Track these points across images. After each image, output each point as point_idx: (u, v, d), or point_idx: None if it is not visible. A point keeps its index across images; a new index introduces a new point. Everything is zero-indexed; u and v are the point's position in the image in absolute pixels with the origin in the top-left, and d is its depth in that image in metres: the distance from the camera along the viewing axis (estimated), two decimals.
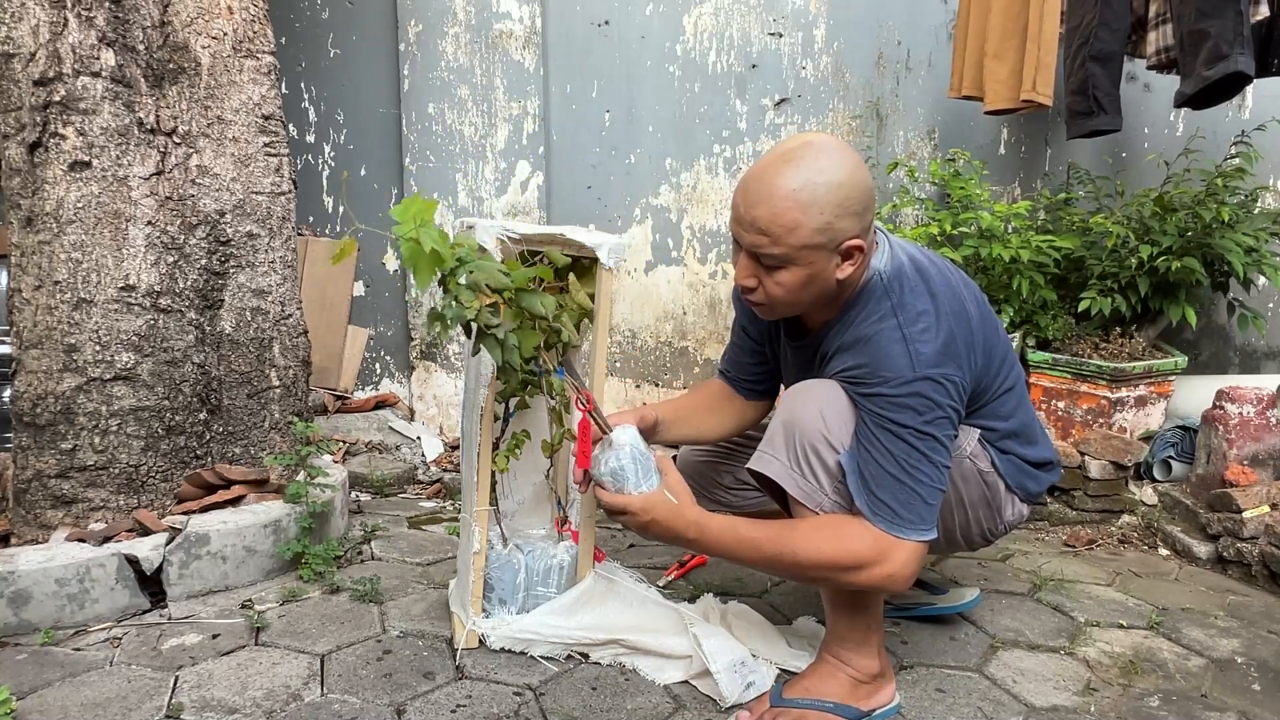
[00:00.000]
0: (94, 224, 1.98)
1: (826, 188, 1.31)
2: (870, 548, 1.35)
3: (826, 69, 3.46)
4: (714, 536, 1.45)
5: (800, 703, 1.47)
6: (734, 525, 1.46)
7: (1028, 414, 1.63)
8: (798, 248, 1.33)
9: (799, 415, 1.43)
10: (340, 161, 3.43)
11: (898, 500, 1.35)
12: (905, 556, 1.36)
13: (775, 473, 1.44)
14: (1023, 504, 1.64)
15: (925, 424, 1.35)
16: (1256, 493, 2.27)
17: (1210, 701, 1.61)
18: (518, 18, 3.31)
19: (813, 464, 1.42)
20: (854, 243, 1.35)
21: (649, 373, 3.54)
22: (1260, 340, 3.54)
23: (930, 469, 1.36)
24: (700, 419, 1.81)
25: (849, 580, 1.37)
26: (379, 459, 2.98)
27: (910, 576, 1.37)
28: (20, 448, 2.00)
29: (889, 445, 1.35)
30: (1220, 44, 2.36)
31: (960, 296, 1.46)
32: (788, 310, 1.47)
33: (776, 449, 1.45)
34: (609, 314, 1.82)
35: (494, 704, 1.53)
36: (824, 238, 1.33)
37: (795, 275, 1.36)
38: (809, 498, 1.43)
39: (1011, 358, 1.59)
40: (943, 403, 1.36)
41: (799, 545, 1.38)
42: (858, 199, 1.33)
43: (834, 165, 1.32)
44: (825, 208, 1.31)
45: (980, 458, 1.56)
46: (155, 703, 1.52)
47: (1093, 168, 3.35)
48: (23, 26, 1.91)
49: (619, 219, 3.49)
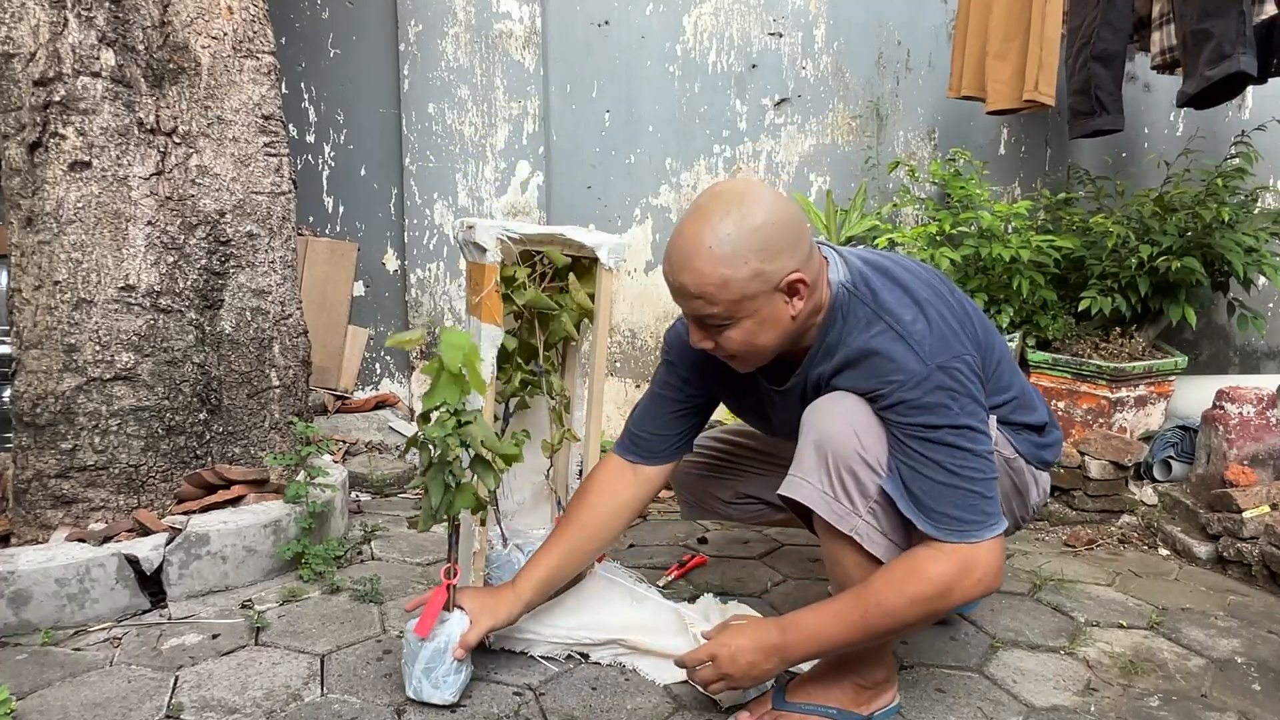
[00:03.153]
0: (94, 224, 1.98)
1: (745, 235, 1.27)
2: (954, 566, 1.28)
3: (826, 69, 3.46)
4: (805, 624, 1.38)
5: (802, 707, 1.46)
6: (812, 610, 1.39)
7: (1020, 379, 1.59)
8: (734, 302, 1.29)
9: (830, 434, 1.34)
10: (340, 161, 3.43)
11: (958, 507, 1.28)
12: (988, 557, 1.30)
13: (807, 497, 1.36)
14: (1044, 475, 1.64)
15: (956, 418, 1.29)
16: (1256, 493, 2.27)
17: (1210, 701, 1.61)
18: (518, 18, 3.31)
19: (847, 484, 1.34)
20: (794, 278, 1.30)
21: (649, 373, 3.54)
22: (1260, 340, 3.54)
23: (978, 462, 1.30)
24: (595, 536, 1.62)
25: (947, 606, 1.31)
26: (379, 459, 2.98)
27: (1001, 570, 1.32)
28: (20, 448, 2.00)
29: (930, 454, 1.29)
30: (1223, 44, 2.36)
31: (927, 281, 1.44)
32: (762, 358, 1.40)
33: (808, 471, 1.37)
34: (609, 314, 1.82)
35: (494, 704, 1.53)
36: (759, 284, 1.28)
37: (744, 328, 1.33)
38: (842, 520, 1.35)
39: (989, 328, 1.54)
40: (966, 387, 1.31)
41: (883, 596, 1.30)
42: (781, 235, 1.29)
43: (748, 210, 1.28)
44: (749, 255, 1.27)
45: (1004, 445, 1.53)
46: (155, 703, 1.52)
47: (1093, 168, 3.35)
48: (23, 26, 1.91)
49: (619, 219, 3.49)
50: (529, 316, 1.78)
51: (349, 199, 3.45)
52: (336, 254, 3.39)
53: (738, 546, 2.39)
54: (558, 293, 1.78)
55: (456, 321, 3.43)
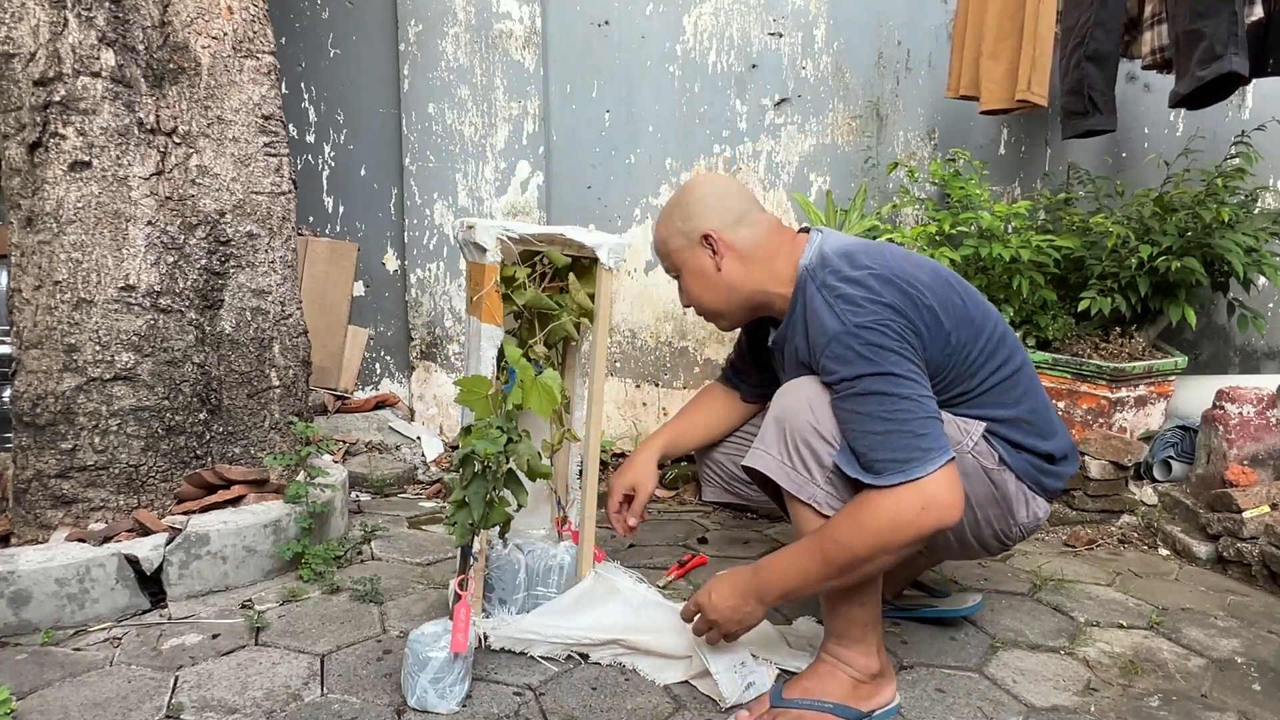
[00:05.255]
0: (94, 224, 1.98)
1: (672, 206, 1.66)
2: (903, 500, 1.34)
3: (826, 69, 3.46)
4: (774, 564, 1.48)
5: (799, 703, 1.46)
6: (781, 551, 1.49)
7: (1037, 403, 1.59)
8: (670, 254, 1.66)
9: (788, 409, 1.48)
10: (340, 161, 3.43)
11: (893, 449, 1.34)
12: (935, 489, 1.33)
13: (767, 466, 1.48)
14: (1041, 501, 1.61)
15: (878, 367, 1.36)
16: (1256, 493, 2.27)
17: (1210, 701, 1.61)
18: (518, 18, 3.31)
19: (804, 455, 1.45)
20: (705, 231, 1.60)
21: (649, 373, 3.54)
22: (1260, 340, 3.54)
23: (905, 404, 1.36)
24: (703, 426, 1.92)
25: (903, 539, 1.34)
26: (379, 459, 2.98)
27: (952, 504, 1.35)
28: (20, 448, 2.00)
29: (858, 408, 1.38)
30: (1215, 44, 2.36)
31: (902, 267, 1.48)
32: (720, 314, 1.67)
33: (769, 444, 1.49)
34: (609, 314, 1.82)
35: (494, 704, 1.53)
36: (682, 239, 1.63)
37: (687, 281, 1.65)
38: (801, 489, 1.45)
39: (1008, 341, 1.57)
40: (887, 343, 1.38)
41: (840, 533, 1.38)
42: (696, 202, 1.62)
43: (685, 189, 1.66)
44: (673, 218, 1.64)
45: (986, 455, 1.53)
46: (155, 703, 1.52)
47: (1093, 168, 3.35)
48: (23, 26, 1.91)
49: (619, 219, 3.49)
50: (529, 316, 1.78)
51: (349, 199, 3.45)
52: (336, 254, 3.39)
53: (738, 547, 2.39)
54: (558, 293, 1.79)
55: (456, 321, 3.43)
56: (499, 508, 1.54)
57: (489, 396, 1.56)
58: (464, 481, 1.52)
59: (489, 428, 1.51)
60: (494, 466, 1.51)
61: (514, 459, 1.54)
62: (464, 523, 1.52)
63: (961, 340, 1.49)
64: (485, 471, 1.51)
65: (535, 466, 1.59)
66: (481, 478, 1.51)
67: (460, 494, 1.53)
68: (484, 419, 1.53)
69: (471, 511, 1.51)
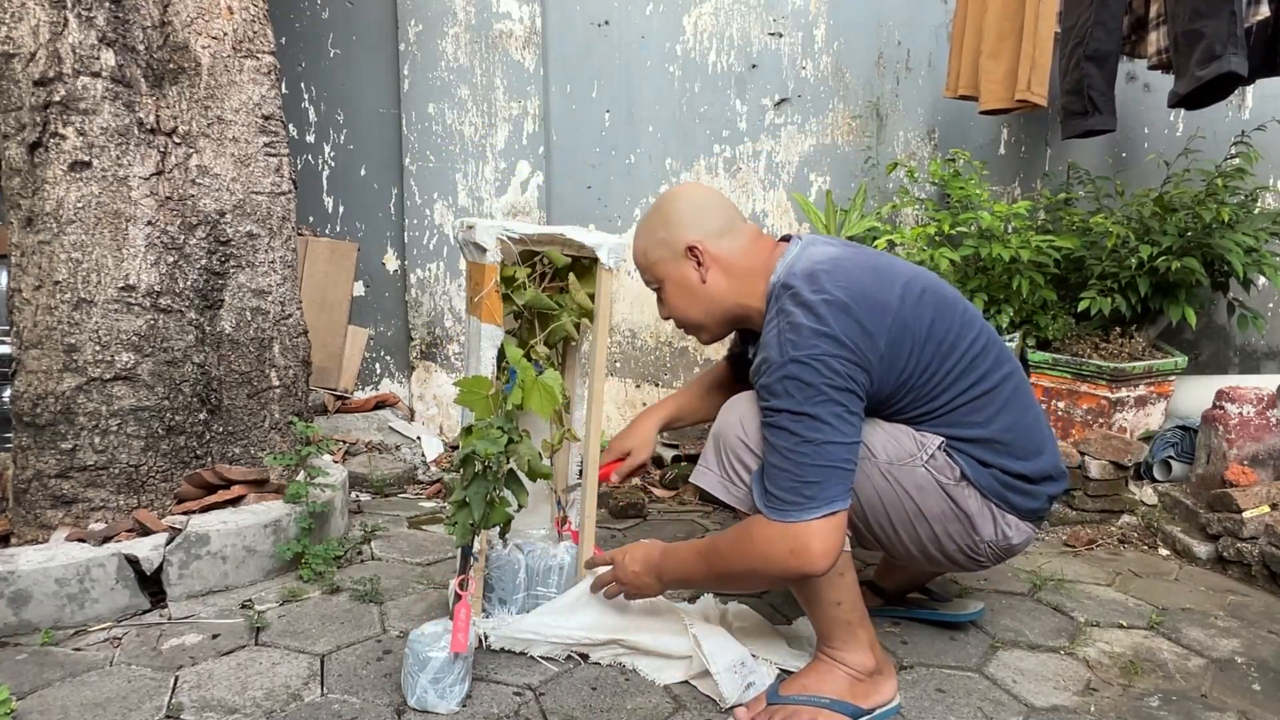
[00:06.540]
0: (94, 224, 1.98)
1: (652, 216, 1.63)
2: (774, 539, 1.38)
3: (826, 69, 3.46)
4: (676, 552, 1.57)
5: (796, 699, 1.47)
6: (686, 543, 1.58)
7: (1014, 421, 1.52)
8: (652, 265, 1.62)
9: (723, 425, 1.55)
10: (340, 161, 3.43)
11: (782, 488, 1.38)
12: (807, 539, 1.36)
13: (708, 483, 1.55)
14: (1013, 519, 1.54)
15: (799, 405, 1.37)
16: (1256, 493, 2.27)
17: (1210, 701, 1.61)
18: (518, 18, 3.31)
19: (738, 470, 1.51)
20: (689, 241, 1.57)
21: (649, 373, 3.54)
22: (1260, 340, 3.54)
23: (809, 448, 1.36)
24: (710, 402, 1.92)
25: (769, 572, 1.42)
26: (379, 459, 2.98)
27: (822, 555, 1.36)
28: (20, 448, 2.00)
29: (771, 438, 1.41)
30: (1214, 44, 2.36)
31: (869, 288, 1.44)
32: (702, 327, 1.64)
33: (709, 461, 1.56)
34: (609, 314, 1.82)
35: (494, 704, 1.53)
36: (665, 250, 1.59)
37: (669, 292, 1.62)
38: (741, 503, 1.51)
39: (989, 356, 1.52)
40: (815, 382, 1.37)
41: (724, 547, 1.46)
42: (679, 212, 1.59)
43: (660, 203, 1.62)
44: (655, 228, 1.61)
45: (944, 469, 1.49)
46: (155, 703, 1.52)
47: (1093, 168, 3.35)
48: (23, 26, 1.91)
49: (619, 219, 3.49)
50: (529, 316, 1.78)
51: (349, 199, 3.45)
52: (336, 254, 3.39)
53: None
54: (558, 293, 1.79)
55: (456, 321, 3.43)
56: (499, 508, 1.55)
57: (489, 397, 1.56)
58: (464, 482, 1.53)
59: (489, 428, 1.51)
60: (494, 467, 1.52)
61: (514, 459, 1.55)
62: (464, 523, 1.53)
63: (923, 363, 1.46)
64: (486, 472, 1.52)
65: (535, 467, 1.59)
66: (482, 478, 1.52)
67: (461, 494, 1.53)
68: (484, 419, 1.53)
69: (472, 512, 1.52)
